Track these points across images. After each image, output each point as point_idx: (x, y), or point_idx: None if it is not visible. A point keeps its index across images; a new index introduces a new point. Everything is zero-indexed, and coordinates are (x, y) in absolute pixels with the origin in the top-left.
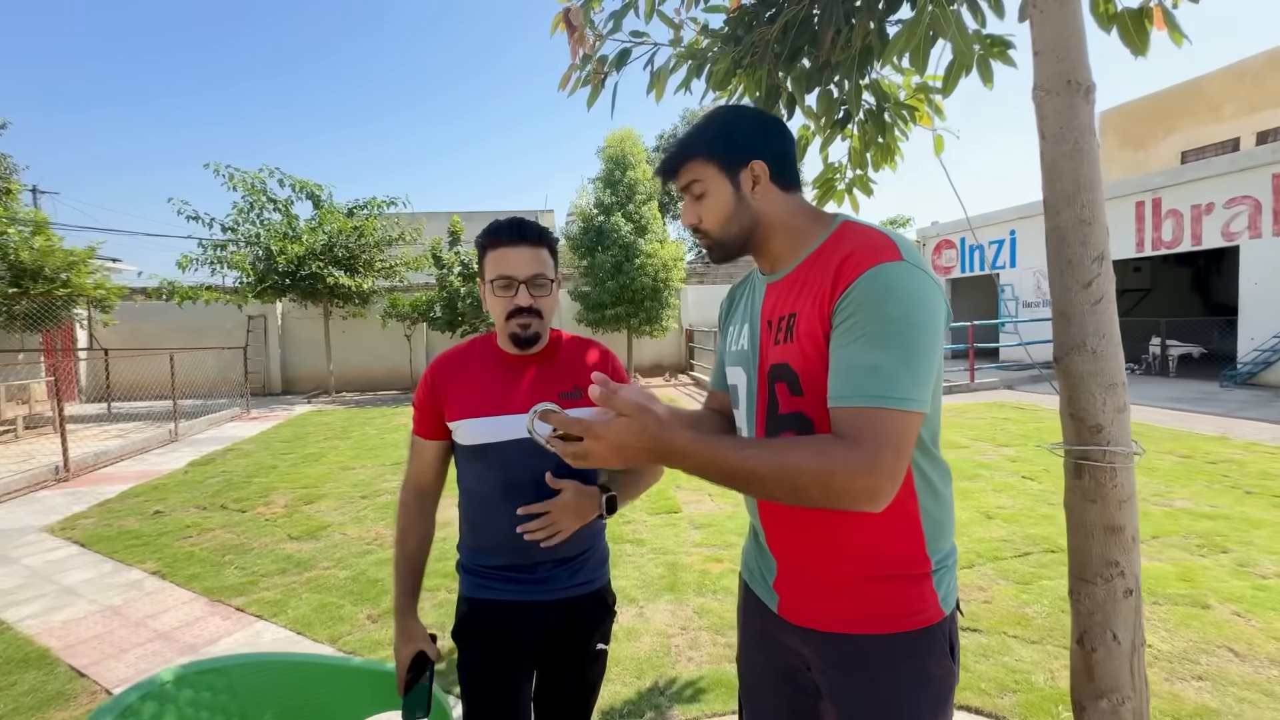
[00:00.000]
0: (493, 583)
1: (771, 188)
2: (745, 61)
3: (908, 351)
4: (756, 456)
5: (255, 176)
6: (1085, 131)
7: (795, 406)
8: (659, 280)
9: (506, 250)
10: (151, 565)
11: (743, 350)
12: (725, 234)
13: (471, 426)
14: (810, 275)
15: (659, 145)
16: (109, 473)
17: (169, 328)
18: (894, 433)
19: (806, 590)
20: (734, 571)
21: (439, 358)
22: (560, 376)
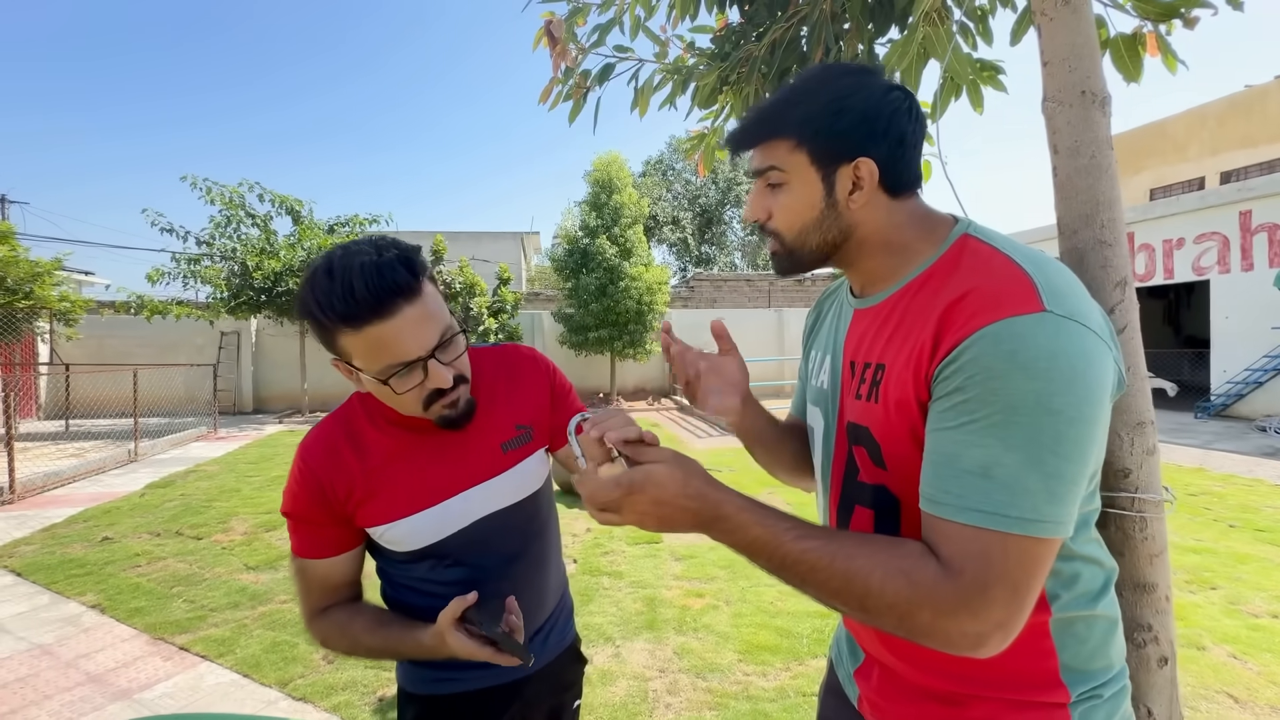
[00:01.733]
0: (451, 673)
1: (878, 194)
2: (732, 78)
3: (1042, 450)
4: (820, 553)
5: (234, 190)
6: (1103, 145)
7: (878, 478)
8: (643, 303)
9: (383, 327)
10: (92, 598)
11: (823, 390)
12: (800, 244)
13: (405, 529)
14: (909, 313)
15: (645, 171)
16: (59, 495)
17: (136, 343)
18: (1012, 566)
19: (893, 691)
20: (716, 607)
21: (310, 448)
22: (495, 421)
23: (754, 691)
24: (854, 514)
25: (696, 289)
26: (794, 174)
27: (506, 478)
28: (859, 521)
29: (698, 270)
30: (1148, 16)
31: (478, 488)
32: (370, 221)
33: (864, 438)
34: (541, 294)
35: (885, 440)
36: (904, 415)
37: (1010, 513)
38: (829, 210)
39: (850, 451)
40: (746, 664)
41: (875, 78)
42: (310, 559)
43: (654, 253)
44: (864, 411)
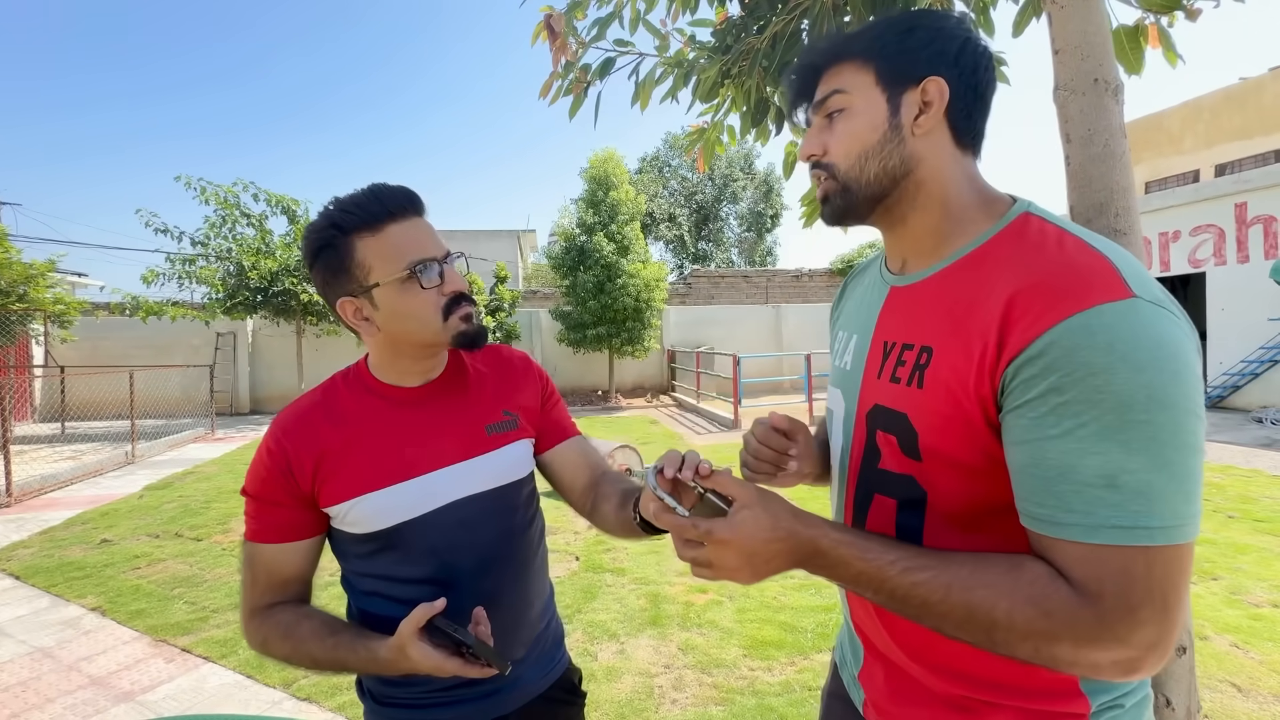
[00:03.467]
0: (427, 711)
1: (944, 127)
2: (733, 71)
3: (1165, 449)
4: (933, 586)
5: (229, 190)
6: (1116, 133)
7: (906, 468)
8: (641, 300)
9: (406, 227)
10: (92, 600)
11: (845, 370)
12: (857, 174)
13: (369, 505)
14: (963, 293)
15: (641, 168)
16: (56, 497)
17: (131, 345)
18: (1158, 581)
19: (900, 694)
20: (720, 603)
21: (286, 418)
22: (481, 403)
23: (759, 686)
24: (873, 503)
25: (694, 285)
26: (857, 94)
27: (488, 459)
28: (879, 511)
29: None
30: (1150, 8)
31: (456, 466)
32: None
33: (895, 423)
34: (539, 292)
35: (926, 429)
36: (955, 405)
37: (1149, 523)
38: (892, 134)
39: (872, 437)
40: (751, 659)
41: (955, 15)
42: (263, 543)
43: (651, 250)
44: (900, 396)
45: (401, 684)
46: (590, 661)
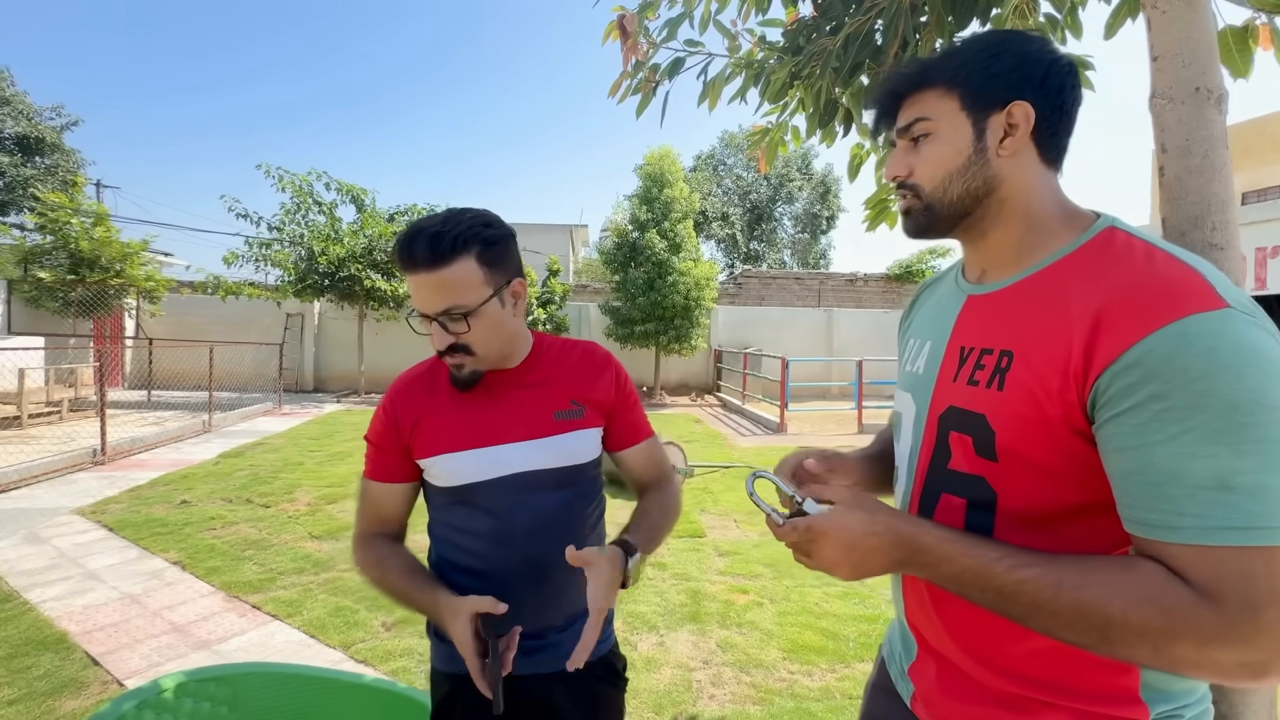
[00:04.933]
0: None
1: (1029, 148)
2: (804, 73)
3: (1275, 448)
4: (1042, 583)
5: (303, 179)
6: (1217, 144)
7: (976, 469)
8: (690, 299)
9: (409, 278)
10: (174, 555)
11: (916, 374)
12: (941, 194)
13: (450, 463)
14: (1049, 301)
15: (695, 166)
16: (143, 459)
17: (210, 321)
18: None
19: (952, 689)
20: (760, 604)
21: (398, 382)
22: (554, 390)
23: (798, 690)
24: (939, 502)
25: (744, 285)
26: (942, 121)
27: (553, 441)
28: (945, 511)
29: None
30: (1262, 8)
31: (524, 443)
32: (427, 211)
33: (972, 424)
34: (589, 286)
35: (1005, 430)
36: (1037, 408)
37: (1267, 523)
38: (976, 157)
39: (943, 437)
40: (791, 662)
41: (1037, 37)
42: (374, 481)
43: (702, 248)
44: (978, 398)
45: None
46: (630, 650)
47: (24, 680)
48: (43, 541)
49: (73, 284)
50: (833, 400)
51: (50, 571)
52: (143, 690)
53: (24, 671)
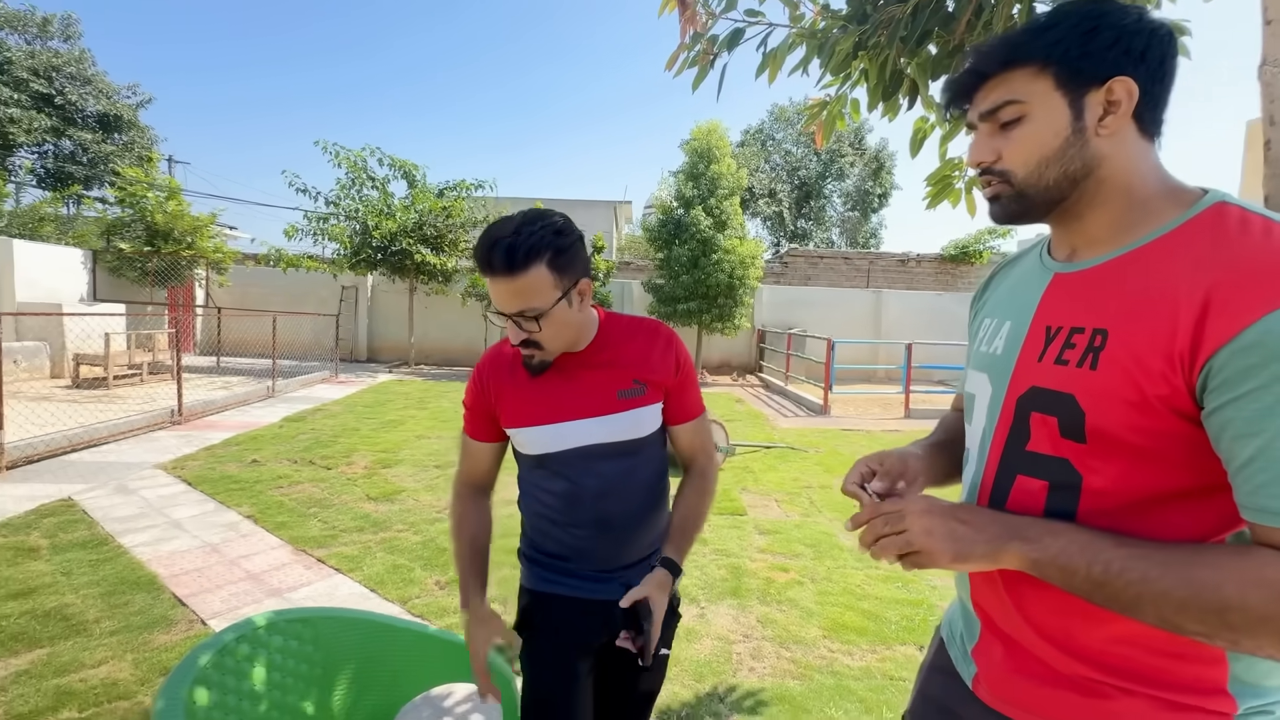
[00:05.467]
0: (558, 576)
1: (1129, 126)
2: (870, 42)
3: None
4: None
5: (358, 155)
6: None
7: (1061, 451)
8: (735, 277)
9: (489, 281)
10: (246, 509)
11: (994, 355)
12: (1035, 180)
13: (529, 436)
14: (1151, 279)
15: (743, 140)
16: (215, 420)
17: (272, 292)
18: None
19: (1022, 672)
20: (801, 583)
21: (486, 356)
22: (618, 370)
23: (838, 668)
24: (1015, 484)
25: (790, 265)
26: (1035, 103)
27: (615, 419)
28: (1022, 493)
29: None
30: None
31: (589, 420)
32: (476, 186)
33: (1058, 405)
34: (632, 263)
35: (1096, 411)
36: (1135, 388)
37: None
38: (1075, 138)
39: (1023, 418)
40: (831, 641)
41: (1133, 7)
42: (469, 437)
43: (749, 226)
44: (1067, 378)
45: (547, 553)
46: None
47: (122, 615)
48: (131, 492)
49: (149, 255)
50: (878, 384)
51: (139, 519)
52: (239, 625)
53: (122, 607)
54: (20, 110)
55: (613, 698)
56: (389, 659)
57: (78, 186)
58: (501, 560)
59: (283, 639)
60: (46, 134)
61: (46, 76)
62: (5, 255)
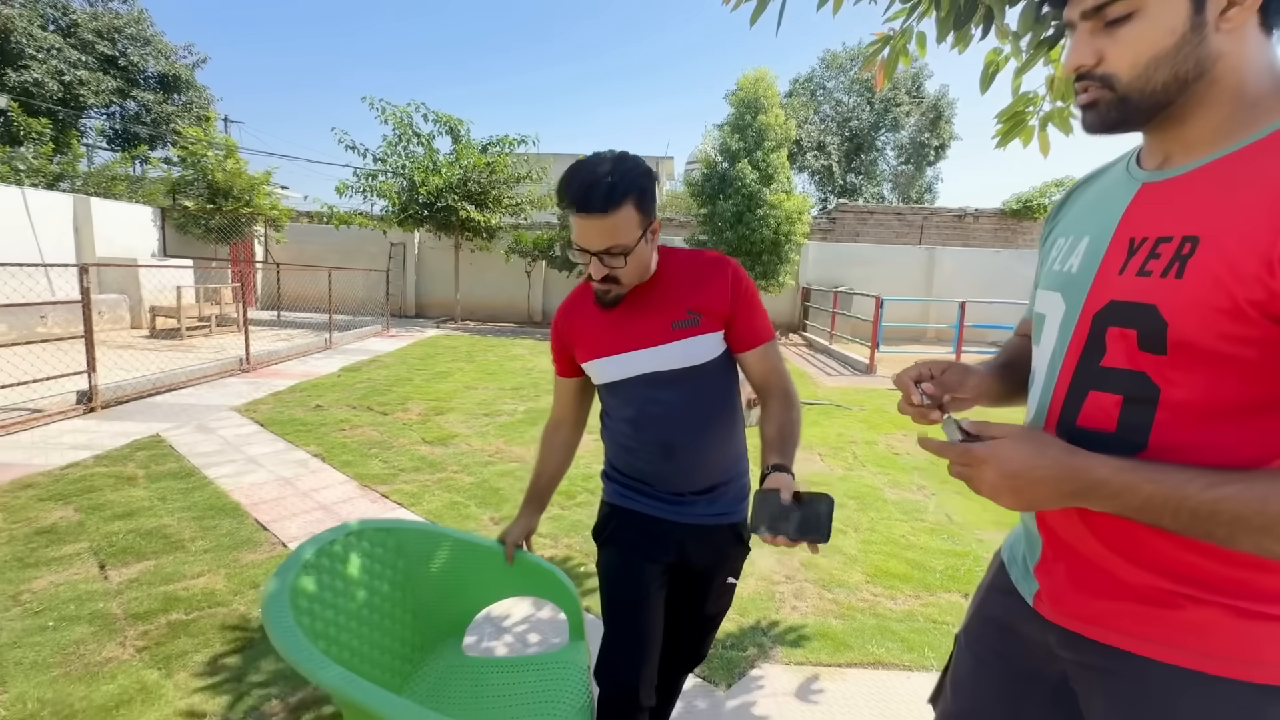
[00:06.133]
0: (634, 494)
1: (1253, 20)
2: None
3: None
4: (1245, 498)
5: (404, 110)
6: None
7: (1138, 364)
8: (780, 233)
9: (576, 220)
10: (314, 449)
11: (1069, 273)
12: (1143, 83)
13: (597, 367)
14: (1246, 180)
15: (792, 90)
16: (279, 369)
17: (325, 249)
18: None
19: (1086, 585)
20: (843, 531)
21: (564, 303)
22: (670, 304)
23: (880, 610)
24: (1086, 401)
25: (839, 221)
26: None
27: (670, 348)
28: (1094, 409)
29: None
30: None
31: (646, 350)
32: (519, 141)
33: (1139, 317)
34: (674, 220)
35: (1179, 320)
36: (1225, 294)
37: None
38: (1193, 34)
39: (1098, 334)
40: (874, 585)
41: None
42: (558, 375)
43: (795, 180)
44: (1151, 288)
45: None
46: None
47: (213, 536)
48: (211, 431)
49: (211, 212)
50: (928, 344)
51: (220, 455)
52: (336, 529)
53: (212, 529)
54: (88, 72)
55: (682, 618)
56: (463, 570)
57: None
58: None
59: (370, 545)
60: (113, 95)
61: (110, 38)
62: (85, 213)
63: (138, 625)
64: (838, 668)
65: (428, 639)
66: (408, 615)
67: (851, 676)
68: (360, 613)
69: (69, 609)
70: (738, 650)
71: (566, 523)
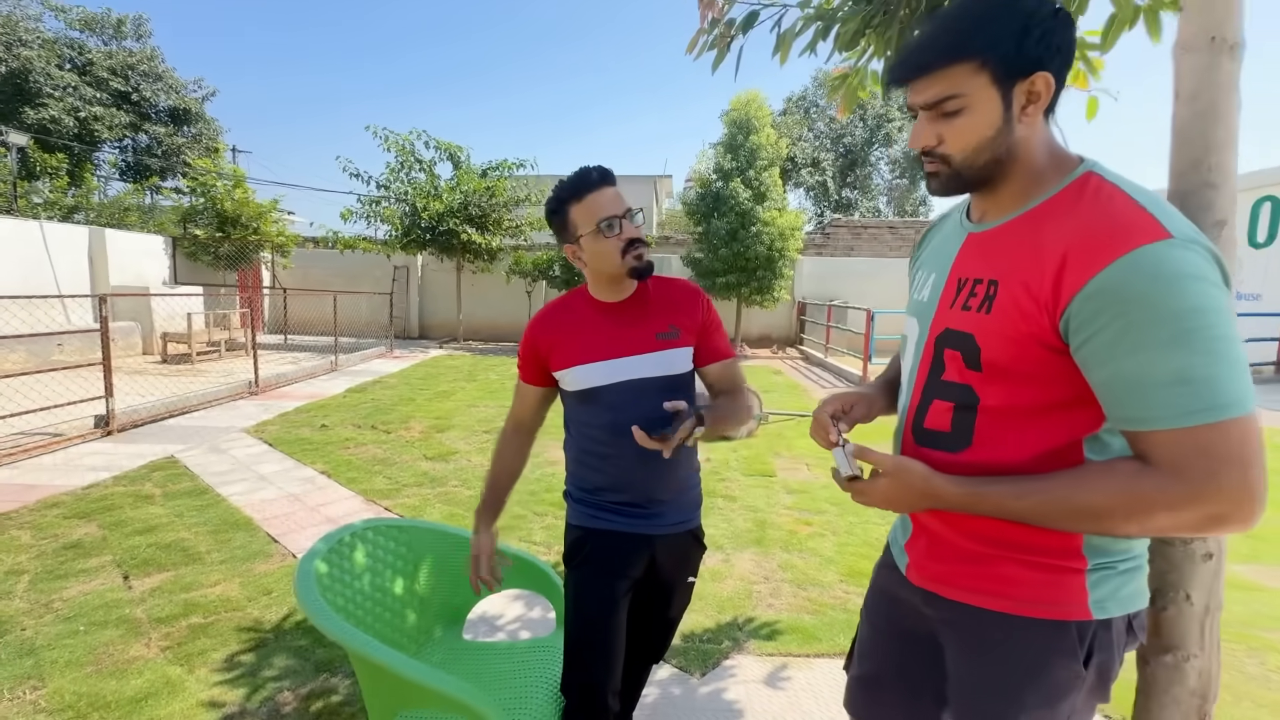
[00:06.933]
0: (602, 513)
1: (1040, 112)
2: (875, 21)
3: (1218, 343)
4: (1047, 501)
5: (406, 139)
6: (1224, 91)
7: (965, 379)
8: (774, 249)
9: (598, 195)
10: (320, 466)
11: (922, 302)
12: (969, 164)
13: (579, 373)
14: (1031, 237)
15: (785, 109)
16: (286, 391)
17: (330, 273)
18: (1235, 448)
19: (936, 555)
20: (823, 535)
21: (539, 313)
22: (655, 317)
23: (851, 606)
24: (931, 406)
25: (833, 235)
26: (975, 96)
27: (655, 356)
28: (936, 413)
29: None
30: None
31: (632, 357)
32: (517, 165)
33: (963, 343)
34: (672, 238)
35: (988, 347)
36: (1016, 328)
37: (1218, 401)
38: (1005, 127)
39: (939, 355)
40: (847, 584)
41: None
42: (521, 382)
43: (790, 197)
44: (969, 320)
45: (592, 488)
46: None
47: (227, 549)
48: (222, 451)
49: (221, 240)
50: None
51: (232, 474)
52: (349, 527)
53: (226, 542)
54: (102, 108)
55: (644, 625)
56: (461, 564)
57: (155, 178)
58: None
59: (382, 539)
60: (126, 129)
61: (123, 75)
62: (99, 244)
63: (161, 628)
64: (806, 658)
65: (430, 625)
66: (414, 602)
67: (819, 666)
68: (374, 595)
69: (98, 615)
70: (713, 644)
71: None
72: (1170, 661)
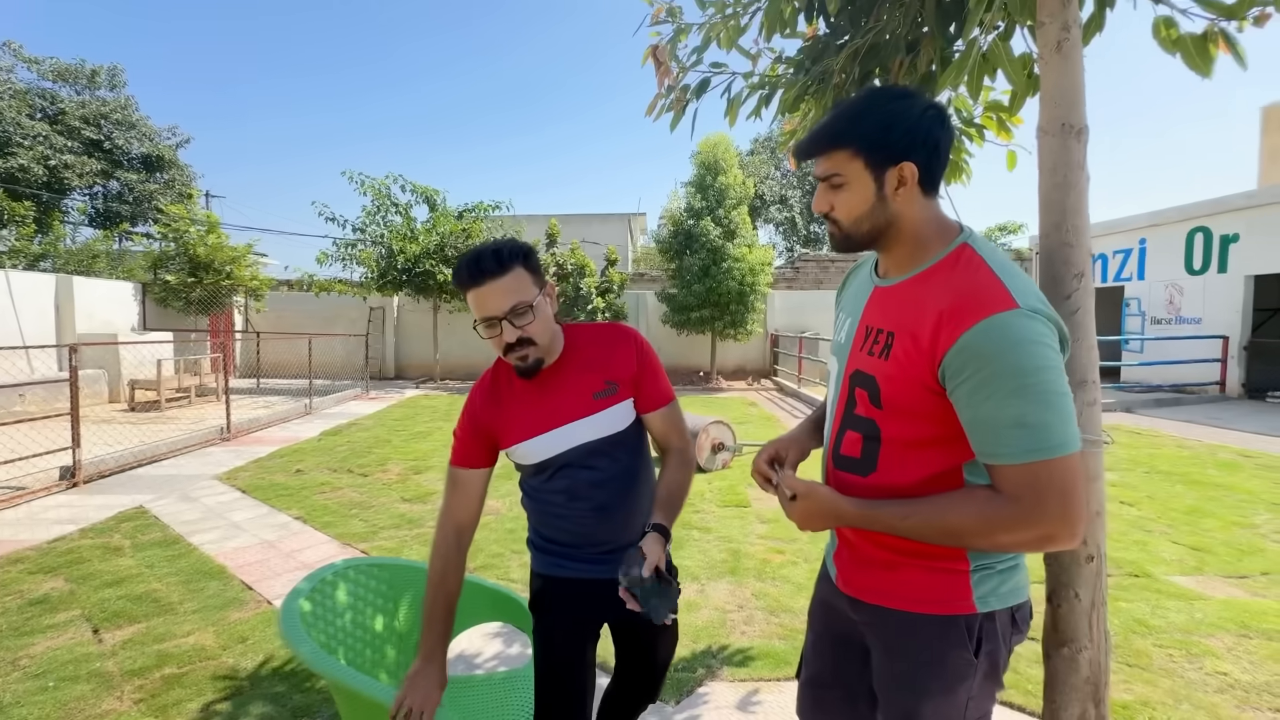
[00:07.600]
0: (565, 561)
1: (916, 191)
2: (813, 89)
3: (1048, 395)
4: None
5: (382, 183)
6: (1075, 168)
7: (871, 414)
8: (746, 284)
9: (476, 292)
10: (295, 512)
11: (840, 343)
12: (855, 229)
13: (530, 447)
14: (917, 297)
15: (753, 150)
16: (260, 436)
17: (304, 316)
18: (1057, 481)
19: (856, 564)
20: (795, 563)
21: (474, 391)
22: (590, 374)
23: None
24: (845, 436)
25: (802, 270)
26: (852, 177)
27: (595, 418)
28: (848, 442)
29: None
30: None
31: (574, 423)
32: (493, 207)
33: (868, 383)
34: (646, 274)
35: (886, 388)
36: (905, 377)
37: (1050, 443)
38: (879, 203)
39: (853, 392)
40: None
41: (917, 98)
42: (462, 469)
43: (760, 233)
44: (873, 365)
45: (554, 541)
46: None
47: (200, 598)
48: (194, 500)
49: (192, 285)
50: None
51: (203, 522)
52: (331, 566)
53: (199, 591)
54: (73, 156)
55: (640, 664)
56: None
57: (125, 224)
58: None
59: (363, 578)
60: (96, 177)
61: (95, 124)
62: (67, 291)
63: (133, 680)
64: (777, 682)
65: (410, 660)
66: (393, 638)
67: (789, 689)
68: (355, 633)
69: (67, 670)
70: (688, 672)
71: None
72: (1067, 654)
